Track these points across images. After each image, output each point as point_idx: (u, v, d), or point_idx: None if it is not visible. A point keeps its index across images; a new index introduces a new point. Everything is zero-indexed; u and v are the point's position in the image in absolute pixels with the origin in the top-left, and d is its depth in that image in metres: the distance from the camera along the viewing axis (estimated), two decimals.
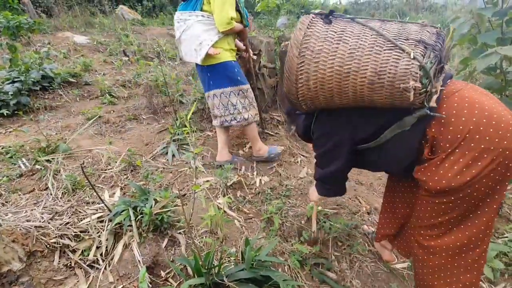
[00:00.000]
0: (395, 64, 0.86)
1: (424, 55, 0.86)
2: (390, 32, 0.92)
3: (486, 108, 0.88)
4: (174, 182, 2.11)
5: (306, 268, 1.54)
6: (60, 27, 6.18)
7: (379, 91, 0.91)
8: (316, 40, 0.96)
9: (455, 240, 1.03)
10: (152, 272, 1.45)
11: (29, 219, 1.60)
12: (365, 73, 0.90)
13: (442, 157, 0.94)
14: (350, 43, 0.92)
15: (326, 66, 0.94)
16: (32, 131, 2.61)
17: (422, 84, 0.85)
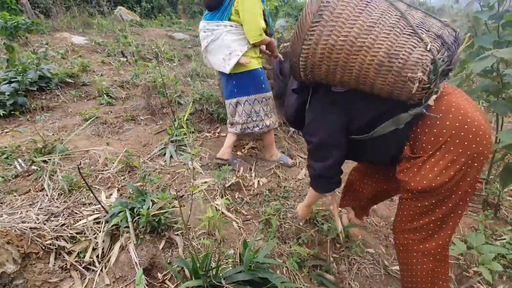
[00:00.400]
0: (410, 51, 0.84)
1: (439, 51, 0.84)
2: (414, 19, 0.88)
3: (469, 115, 0.92)
4: (172, 184, 2.10)
5: (305, 270, 1.53)
6: (58, 27, 6.16)
7: (385, 75, 0.87)
8: (339, 1, 0.89)
9: (438, 245, 1.06)
10: (149, 274, 1.43)
11: (25, 220, 1.58)
12: (378, 52, 0.85)
13: (424, 158, 0.97)
14: (372, 16, 0.87)
15: (341, 33, 0.88)
16: (29, 132, 2.59)
17: (428, 79, 0.84)
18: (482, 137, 0.92)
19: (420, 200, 1.03)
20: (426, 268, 1.10)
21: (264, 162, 2.47)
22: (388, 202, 2.17)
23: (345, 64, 0.91)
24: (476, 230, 1.89)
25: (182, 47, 6.24)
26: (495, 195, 2.08)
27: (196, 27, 8.47)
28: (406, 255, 1.14)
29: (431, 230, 1.05)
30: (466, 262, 1.66)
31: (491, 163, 2.17)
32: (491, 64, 1.34)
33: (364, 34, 0.86)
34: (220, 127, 3.01)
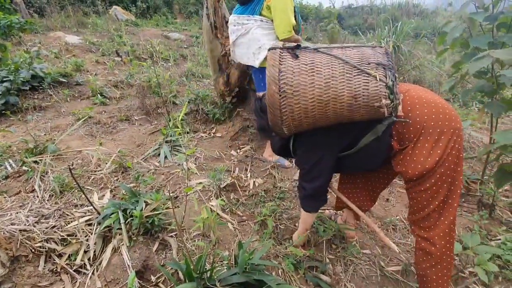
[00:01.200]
0: (366, 87, 1.01)
1: (386, 76, 1.01)
2: (352, 59, 1.04)
3: (431, 101, 1.10)
4: (166, 184, 2.07)
5: (300, 271, 1.51)
6: (52, 27, 6.08)
7: (357, 111, 1.04)
8: (292, 74, 1.05)
9: (446, 226, 1.17)
10: (142, 277, 1.40)
11: (14, 222, 1.54)
12: (343, 98, 1.02)
13: (411, 146, 1.12)
14: (324, 74, 1.03)
15: (308, 97, 1.04)
16: (20, 132, 2.54)
17: (390, 100, 1.01)
18: (449, 114, 1.08)
19: (422, 184, 1.14)
20: (440, 255, 1.19)
21: (260, 162, 2.45)
22: (384, 203, 2.17)
23: (321, 116, 1.08)
24: (471, 231, 1.89)
25: (178, 47, 6.20)
26: (489, 195, 2.09)
27: (192, 27, 8.44)
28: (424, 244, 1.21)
29: (438, 212, 1.16)
30: (461, 263, 1.66)
31: (486, 163, 2.17)
32: (487, 64, 1.34)
33: (326, 90, 1.03)
34: (215, 127, 2.99)
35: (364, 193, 1.58)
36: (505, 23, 1.68)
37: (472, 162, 2.64)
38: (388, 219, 1.97)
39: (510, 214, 2.07)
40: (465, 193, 2.24)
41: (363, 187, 1.57)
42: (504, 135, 1.51)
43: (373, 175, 1.53)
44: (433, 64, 4.88)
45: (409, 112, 1.11)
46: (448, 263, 1.22)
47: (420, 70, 4.74)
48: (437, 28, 7.97)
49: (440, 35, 1.87)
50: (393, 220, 1.96)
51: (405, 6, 11.81)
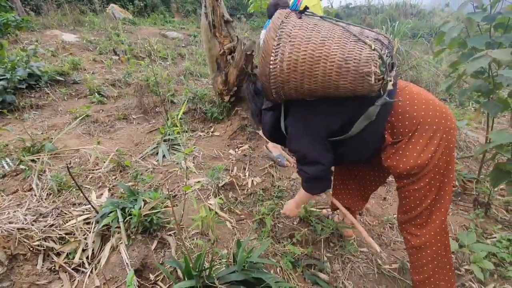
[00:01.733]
0: (360, 52, 0.99)
1: (381, 50, 1.00)
2: (354, 31, 1.05)
3: (429, 99, 1.12)
4: (164, 183, 2.07)
5: (299, 269, 1.52)
6: (48, 25, 6.04)
7: (345, 75, 1.02)
8: (293, 26, 1.06)
9: (437, 225, 1.17)
10: (141, 275, 1.40)
11: (12, 221, 1.53)
12: (334, 58, 1.01)
13: (405, 140, 1.11)
14: (322, 33, 1.04)
15: (301, 49, 1.04)
16: (17, 130, 2.53)
17: (380, 71, 0.99)
18: (445, 113, 1.09)
19: (415, 183, 1.13)
20: (431, 253, 1.19)
21: (258, 161, 2.46)
22: (381, 202, 2.19)
23: (310, 74, 1.05)
24: (467, 229, 1.90)
25: (176, 46, 6.18)
26: (485, 194, 2.11)
27: (190, 26, 8.41)
28: (418, 241, 1.21)
29: (429, 211, 1.16)
30: (457, 261, 1.68)
31: (481, 162, 2.20)
32: (485, 64, 1.36)
33: (320, 47, 1.02)
34: (213, 126, 2.99)
35: (356, 193, 1.58)
36: (502, 24, 1.70)
37: (468, 161, 2.66)
38: (385, 217, 1.99)
39: (505, 213, 2.09)
40: (461, 192, 2.27)
41: (355, 188, 1.57)
42: (500, 135, 1.52)
43: (365, 177, 1.53)
44: (430, 64, 4.91)
45: (407, 106, 1.11)
46: (446, 262, 1.22)
47: (417, 70, 4.77)
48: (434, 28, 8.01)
49: (438, 35, 1.88)
50: (390, 218, 1.97)
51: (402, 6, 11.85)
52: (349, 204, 1.57)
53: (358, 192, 1.57)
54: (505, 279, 1.59)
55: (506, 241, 1.76)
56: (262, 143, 2.71)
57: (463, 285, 1.56)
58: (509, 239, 1.78)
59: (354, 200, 1.59)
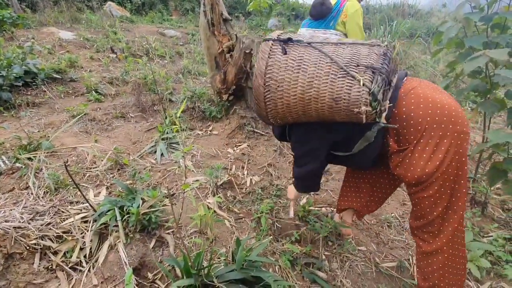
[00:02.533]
0: (348, 91, 0.98)
1: (372, 81, 0.97)
2: (343, 58, 1.02)
3: (437, 101, 1.04)
4: (163, 182, 2.06)
5: (297, 268, 1.52)
6: (45, 22, 5.98)
7: (338, 113, 1.03)
8: (278, 69, 1.06)
9: (450, 232, 1.13)
10: (139, 274, 1.40)
11: (8, 219, 1.51)
12: (324, 99, 1.02)
13: (411, 148, 1.07)
14: (309, 72, 1.02)
15: (290, 94, 1.05)
16: (13, 128, 2.50)
17: (371, 107, 0.98)
18: (455, 117, 1.02)
19: (424, 190, 1.10)
20: (443, 260, 1.16)
21: (256, 160, 2.46)
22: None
23: (304, 113, 1.09)
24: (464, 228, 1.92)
25: (174, 44, 6.15)
26: (482, 193, 2.13)
27: (188, 24, 8.38)
28: (429, 248, 1.18)
29: (442, 218, 1.13)
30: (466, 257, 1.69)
31: (478, 162, 2.21)
32: (483, 63, 1.36)
33: (308, 89, 1.02)
34: (212, 125, 2.98)
35: (366, 196, 1.54)
36: (499, 24, 1.71)
37: None
38: (383, 216, 2.00)
39: (501, 212, 2.11)
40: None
41: (366, 192, 1.53)
42: (497, 134, 1.53)
43: (379, 180, 1.50)
44: (428, 64, 4.94)
45: (411, 112, 1.06)
46: (457, 268, 1.18)
47: (414, 70, 4.80)
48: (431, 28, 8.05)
49: (436, 35, 1.89)
50: (387, 217, 1.98)
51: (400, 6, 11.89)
52: (357, 206, 1.55)
53: (368, 196, 1.53)
54: (501, 277, 1.60)
55: (502, 239, 1.78)
56: (261, 142, 2.71)
57: None
58: (505, 238, 1.80)
59: (363, 202, 1.55)
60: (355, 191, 1.57)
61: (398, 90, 1.10)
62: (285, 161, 2.53)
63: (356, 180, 1.56)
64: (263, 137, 2.79)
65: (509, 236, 1.81)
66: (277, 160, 2.49)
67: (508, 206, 2.17)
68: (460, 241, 1.16)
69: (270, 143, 2.70)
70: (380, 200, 1.55)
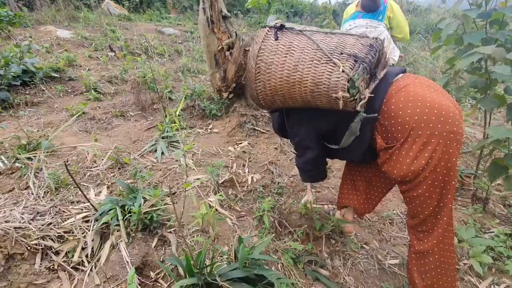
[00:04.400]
0: (329, 76, 1.02)
1: (353, 68, 1.00)
2: (329, 46, 1.06)
3: (428, 100, 1.02)
4: (164, 180, 2.05)
5: (300, 265, 1.52)
6: (42, 21, 5.94)
7: (319, 98, 1.07)
8: (269, 53, 1.12)
9: (440, 233, 1.14)
10: (141, 273, 1.39)
11: (8, 219, 1.50)
12: (306, 83, 1.06)
13: (398, 146, 1.08)
14: (295, 57, 1.08)
15: (277, 76, 1.11)
16: (12, 128, 2.48)
17: (350, 94, 0.99)
18: (445, 116, 1.00)
19: (413, 189, 1.11)
20: (434, 261, 1.17)
21: (257, 158, 2.45)
22: None
23: (290, 96, 1.14)
24: (465, 224, 1.92)
25: (172, 42, 6.12)
26: (483, 189, 2.13)
27: (186, 22, 8.33)
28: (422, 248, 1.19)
29: (434, 217, 1.13)
30: (456, 255, 1.69)
31: (479, 158, 2.21)
32: (476, 59, 1.37)
33: (293, 72, 1.08)
34: (212, 123, 2.97)
35: (363, 195, 1.55)
36: (498, 20, 1.70)
37: (466, 157, 2.68)
38: (385, 213, 2.00)
39: (502, 208, 2.11)
40: (460, 187, 2.28)
41: (363, 191, 1.55)
42: (498, 130, 1.53)
43: (374, 179, 1.51)
44: (427, 61, 4.93)
45: (399, 110, 1.05)
46: (450, 268, 1.18)
47: (414, 67, 4.79)
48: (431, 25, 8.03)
49: (435, 32, 1.89)
50: (390, 214, 1.98)
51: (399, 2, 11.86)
52: (355, 204, 1.56)
53: (365, 194, 1.55)
54: (503, 273, 1.61)
55: (504, 235, 1.78)
56: (262, 140, 2.70)
57: (462, 279, 1.57)
58: (507, 234, 1.80)
59: (360, 200, 1.56)
60: (352, 189, 1.58)
61: (389, 86, 1.11)
62: (286, 159, 2.52)
63: (353, 178, 1.57)
64: (263, 135, 2.78)
65: (510, 232, 1.81)
66: (278, 158, 2.49)
67: (509, 202, 2.17)
68: (450, 242, 1.16)
69: (271, 141, 2.69)
70: (376, 198, 1.56)
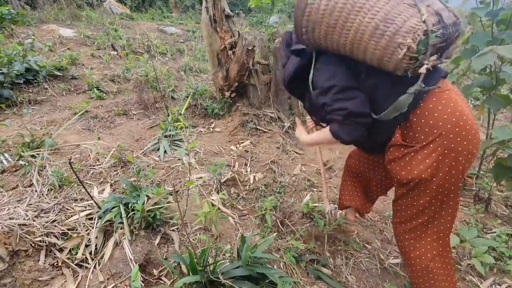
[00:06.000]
0: (406, 19, 0.85)
1: (434, 25, 0.85)
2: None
3: (464, 113, 0.96)
4: (166, 179, 2.06)
5: (302, 264, 1.52)
6: (44, 19, 5.95)
7: (378, 38, 0.89)
8: None
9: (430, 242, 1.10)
10: (144, 270, 1.40)
11: (12, 216, 1.51)
12: (375, 15, 0.88)
13: (417, 148, 0.99)
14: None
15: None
16: (15, 126, 2.50)
17: (417, 48, 0.85)
18: (473, 136, 0.97)
19: (414, 199, 1.06)
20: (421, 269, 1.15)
21: (259, 157, 2.46)
22: (383, 197, 2.19)
23: (343, 24, 0.93)
24: (467, 224, 1.92)
25: (174, 41, 6.13)
26: (485, 190, 2.13)
27: (188, 21, 8.34)
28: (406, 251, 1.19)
29: (425, 227, 1.11)
30: (458, 255, 1.69)
31: (482, 158, 2.21)
32: (492, 61, 1.35)
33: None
34: (214, 122, 2.98)
35: (362, 196, 1.55)
36: (505, 20, 1.69)
37: None
38: (387, 213, 2.00)
39: (504, 208, 2.11)
40: (462, 187, 2.28)
41: (361, 191, 1.54)
42: (502, 131, 1.53)
43: (372, 182, 1.49)
44: None
45: (436, 111, 0.96)
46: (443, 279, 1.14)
47: None
48: None
49: None
50: (391, 214, 1.98)
51: None
52: (355, 205, 1.55)
53: (364, 195, 1.55)
54: (504, 273, 1.61)
55: (505, 235, 1.78)
56: (264, 140, 2.71)
57: (463, 279, 1.57)
58: (508, 234, 1.80)
59: (357, 201, 1.55)
60: (353, 190, 1.56)
61: (434, 81, 0.98)
62: (288, 158, 2.52)
63: (353, 179, 1.55)
64: (265, 134, 2.78)
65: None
66: (280, 157, 2.49)
67: (511, 202, 2.17)
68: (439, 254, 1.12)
69: (273, 140, 2.69)
70: (374, 196, 1.56)
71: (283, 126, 2.91)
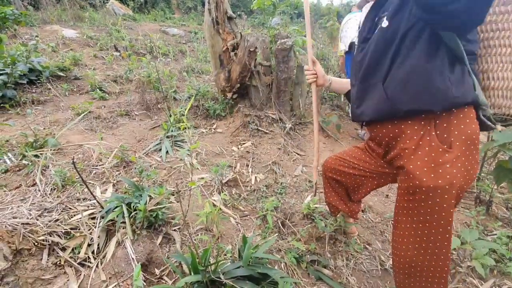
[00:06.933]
0: None
1: None
2: None
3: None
4: (168, 179, 2.07)
5: (303, 265, 1.53)
6: (48, 20, 6.00)
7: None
8: None
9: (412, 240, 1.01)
10: (146, 270, 1.41)
11: (16, 215, 1.53)
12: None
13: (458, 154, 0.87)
14: None
15: None
16: (19, 126, 2.52)
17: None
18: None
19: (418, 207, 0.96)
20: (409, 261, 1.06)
21: (261, 158, 2.47)
22: (384, 199, 2.20)
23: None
24: (468, 226, 1.93)
25: (176, 42, 6.16)
26: (486, 192, 2.13)
27: (190, 23, 8.38)
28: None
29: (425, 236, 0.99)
30: (459, 257, 1.69)
31: (483, 160, 2.22)
32: None
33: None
34: (216, 123, 2.99)
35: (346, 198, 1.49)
36: None
37: None
38: (387, 214, 2.00)
39: (505, 210, 2.11)
40: None
41: (345, 195, 1.48)
42: (504, 134, 1.54)
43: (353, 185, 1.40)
44: None
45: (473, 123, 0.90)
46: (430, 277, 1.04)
47: None
48: None
49: None
50: (392, 215, 1.98)
51: None
52: (344, 210, 1.51)
53: (348, 198, 1.50)
54: (505, 275, 1.61)
55: (506, 237, 1.78)
56: (265, 141, 2.72)
57: (464, 280, 1.58)
58: (509, 236, 1.80)
59: (347, 205, 1.51)
60: (336, 194, 1.49)
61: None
62: (289, 159, 2.53)
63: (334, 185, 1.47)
64: (267, 135, 2.79)
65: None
66: (281, 158, 2.50)
67: None
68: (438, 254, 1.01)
69: (274, 141, 2.70)
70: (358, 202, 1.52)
71: (284, 127, 2.92)
